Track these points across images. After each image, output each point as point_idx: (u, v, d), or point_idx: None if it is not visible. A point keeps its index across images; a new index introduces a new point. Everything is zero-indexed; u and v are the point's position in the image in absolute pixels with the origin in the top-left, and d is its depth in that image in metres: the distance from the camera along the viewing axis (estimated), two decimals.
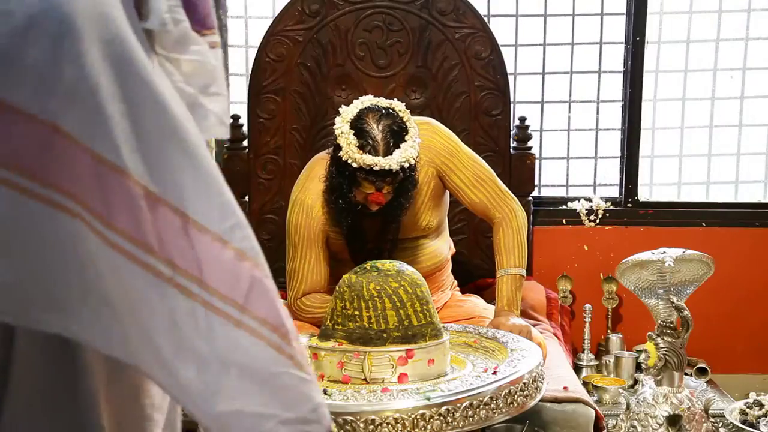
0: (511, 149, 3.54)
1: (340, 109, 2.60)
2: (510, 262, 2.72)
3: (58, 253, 1.01)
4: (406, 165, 2.52)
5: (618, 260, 2.71)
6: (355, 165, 2.49)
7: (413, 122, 2.59)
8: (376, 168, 2.48)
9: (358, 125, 2.52)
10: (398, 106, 2.59)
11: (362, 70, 3.47)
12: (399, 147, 2.51)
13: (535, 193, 3.67)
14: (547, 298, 3.43)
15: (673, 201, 3.88)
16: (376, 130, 2.51)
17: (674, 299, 2.45)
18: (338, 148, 2.54)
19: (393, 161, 2.48)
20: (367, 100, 2.59)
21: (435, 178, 2.76)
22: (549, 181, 3.91)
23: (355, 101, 2.60)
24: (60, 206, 1.00)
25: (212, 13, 1.19)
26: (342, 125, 2.54)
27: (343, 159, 2.51)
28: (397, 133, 2.52)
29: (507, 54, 3.58)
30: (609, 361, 3.48)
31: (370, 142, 2.49)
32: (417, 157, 2.57)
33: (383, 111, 2.55)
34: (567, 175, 3.91)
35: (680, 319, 2.43)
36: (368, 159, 2.48)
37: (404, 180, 2.57)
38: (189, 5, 1.15)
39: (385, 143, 2.50)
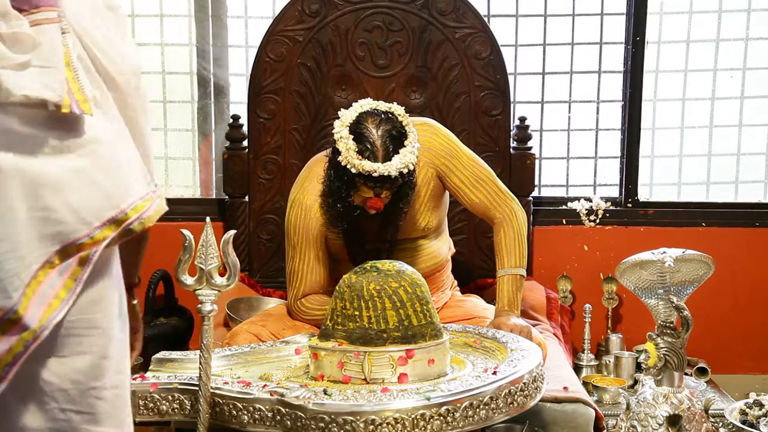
0: (511, 149, 3.54)
1: (339, 112, 2.58)
2: (510, 262, 2.72)
3: None
4: (405, 171, 2.51)
5: (618, 260, 2.71)
6: (354, 170, 2.48)
7: (412, 126, 2.57)
8: (375, 174, 2.47)
9: (357, 130, 2.50)
10: (397, 110, 2.58)
11: (362, 70, 3.47)
12: (398, 153, 2.50)
13: (535, 193, 3.67)
14: (547, 298, 3.43)
15: (673, 201, 3.88)
16: (375, 135, 2.50)
17: (674, 299, 2.45)
18: (336, 151, 2.53)
19: (392, 167, 2.47)
20: (366, 104, 2.57)
21: (434, 178, 2.75)
22: (549, 181, 3.90)
23: (354, 104, 2.58)
24: None
25: None
26: (341, 130, 2.52)
27: (342, 164, 2.50)
28: (396, 139, 2.51)
29: (507, 54, 3.58)
30: (609, 361, 3.48)
31: (369, 147, 2.48)
32: (416, 161, 2.56)
33: (382, 115, 2.53)
34: (567, 175, 3.91)
35: (680, 319, 2.43)
36: (367, 165, 2.46)
37: (403, 185, 2.56)
38: None
39: (385, 149, 2.49)
